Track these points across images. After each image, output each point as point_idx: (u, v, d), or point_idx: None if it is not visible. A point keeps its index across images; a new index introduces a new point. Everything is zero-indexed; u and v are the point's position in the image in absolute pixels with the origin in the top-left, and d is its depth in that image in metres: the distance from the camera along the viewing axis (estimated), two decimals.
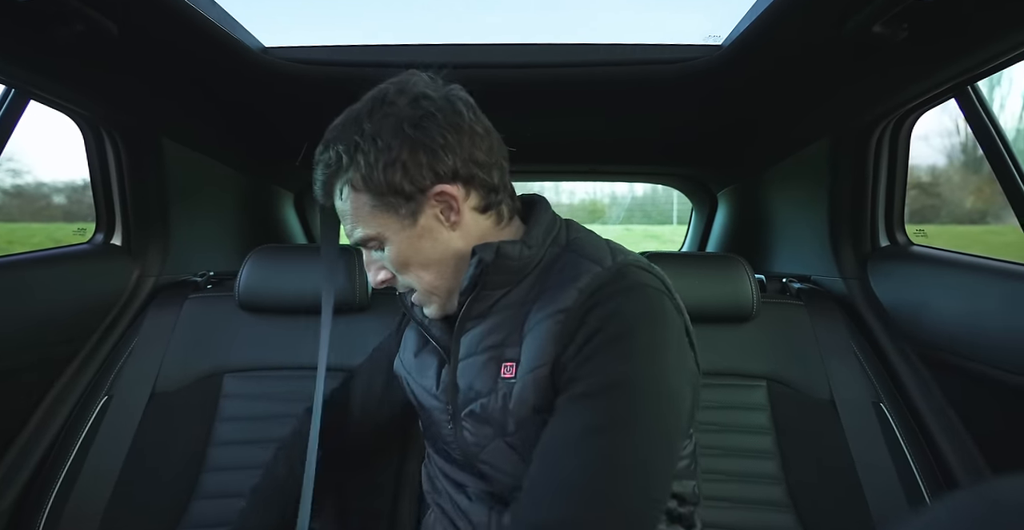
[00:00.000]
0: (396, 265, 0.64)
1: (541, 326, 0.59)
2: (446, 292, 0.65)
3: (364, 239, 0.63)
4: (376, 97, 0.61)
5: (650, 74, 0.99)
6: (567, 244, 0.65)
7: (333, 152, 0.60)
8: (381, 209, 0.60)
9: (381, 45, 0.98)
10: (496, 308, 0.64)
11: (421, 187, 0.58)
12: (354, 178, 0.59)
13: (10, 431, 1.02)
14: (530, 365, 0.59)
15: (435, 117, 0.58)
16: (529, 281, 0.63)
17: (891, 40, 0.78)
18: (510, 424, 0.60)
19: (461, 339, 0.65)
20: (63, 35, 0.75)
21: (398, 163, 0.57)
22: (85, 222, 1.27)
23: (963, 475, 0.96)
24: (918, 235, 1.23)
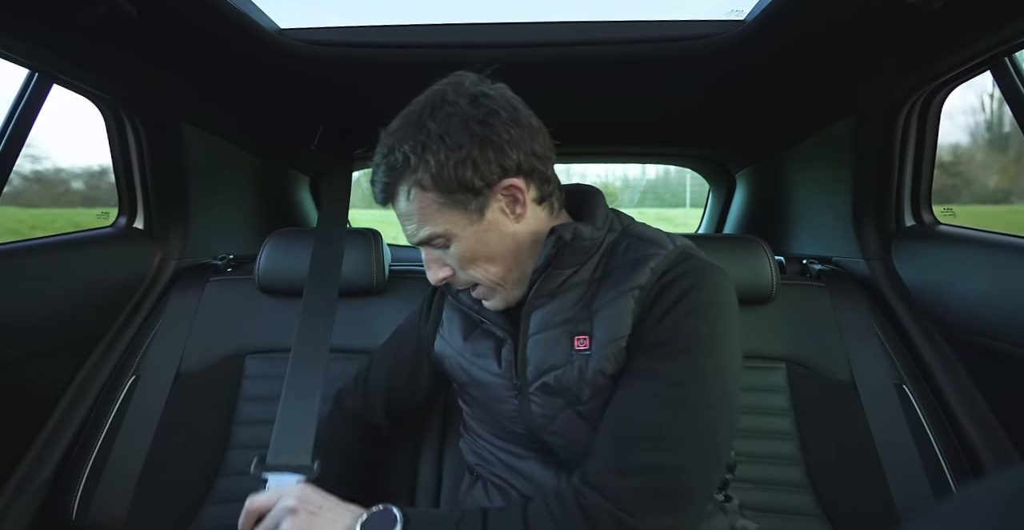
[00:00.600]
0: (462, 261, 0.66)
1: (617, 302, 0.64)
2: (511, 283, 0.69)
3: (430, 237, 0.65)
4: (433, 98, 0.63)
5: (669, 51, 0.96)
6: (623, 229, 0.71)
7: (400, 154, 0.61)
8: (449, 206, 0.62)
9: (395, 26, 0.96)
10: (564, 286, 0.68)
11: (489, 182, 0.62)
12: (423, 178, 0.61)
13: (44, 409, 1.05)
14: (608, 338, 0.64)
15: (498, 114, 0.62)
16: (593, 262, 0.69)
17: (925, 10, 0.75)
18: (584, 393, 0.66)
19: (531, 316, 0.69)
20: (85, 18, 0.75)
21: (468, 160, 0.60)
22: (103, 207, 1.29)
23: (989, 458, 0.96)
24: (946, 214, 1.20)
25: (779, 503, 0.97)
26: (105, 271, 1.14)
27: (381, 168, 0.64)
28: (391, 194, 0.65)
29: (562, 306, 0.68)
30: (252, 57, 0.98)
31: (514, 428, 0.74)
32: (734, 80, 1.10)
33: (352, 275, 1.12)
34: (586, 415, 0.67)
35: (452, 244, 0.65)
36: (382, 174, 0.64)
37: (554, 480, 0.71)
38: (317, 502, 0.62)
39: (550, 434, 0.70)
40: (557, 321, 0.67)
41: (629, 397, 0.62)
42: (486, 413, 0.79)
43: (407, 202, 0.64)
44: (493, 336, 0.74)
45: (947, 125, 1.17)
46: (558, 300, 0.68)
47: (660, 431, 0.59)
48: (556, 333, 0.67)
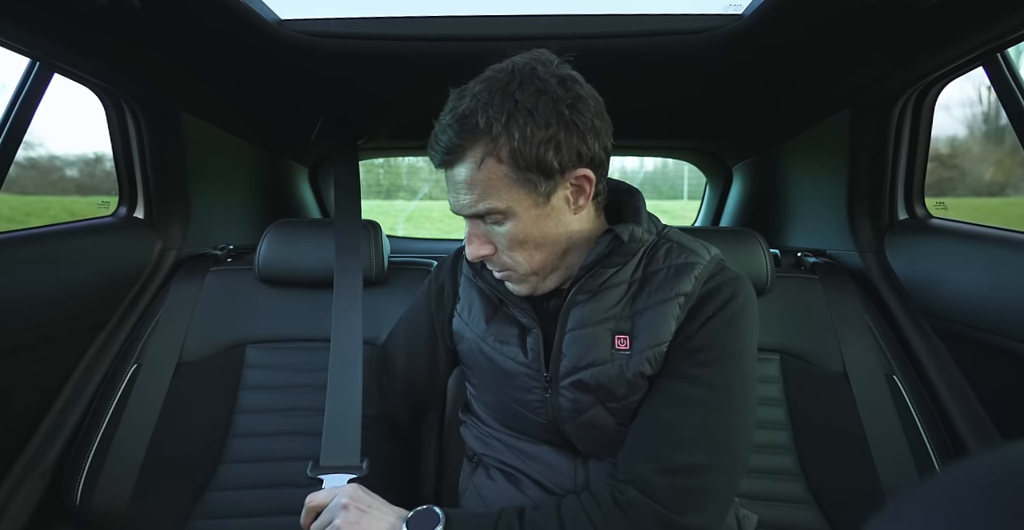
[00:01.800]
0: (512, 242, 0.64)
1: (663, 307, 0.66)
2: (546, 273, 0.69)
3: (489, 211, 0.62)
4: (522, 70, 0.60)
5: (668, 45, 0.97)
6: (659, 232, 0.72)
7: (482, 119, 0.58)
8: (519, 184, 0.60)
9: (395, 17, 0.97)
10: (606, 285, 0.68)
11: (564, 167, 0.60)
12: (501, 149, 0.59)
13: (48, 397, 1.06)
14: (651, 341, 0.66)
15: (587, 102, 0.61)
16: (634, 262, 0.69)
17: (920, 5, 0.76)
18: (619, 391, 0.67)
19: (571, 311, 0.69)
20: (87, 7, 0.75)
21: (552, 141, 0.58)
22: (98, 195, 1.29)
23: (975, 447, 0.98)
24: (938, 208, 1.21)
25: (771, 491, 1.00)
26: (106, 260, 1.15)
27: (454, 128, 0.60)
28: (457, 157, 0.61)
29: (604, 304, 0.68)
30: (253, 48, 0.99)
31: (534, 418, 0.74)
32: (732, 74, 1.11)
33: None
34: (615, 412, 0.68)
35: (508, 222, 0.63)
36: (454, 135, 0.60)
37: (569, 464, 0.73)
38: (367, 501, 0.64)
39: (575, 426, 0.70)
40: (598, 319, 0.68)
41: (670, 398, 0.64)
42: (498, 400, 0.78)
43: (475, 170, 0.60)
44: (516, 323, 0.73)
45: (944, 118, 1.18)
46: (599, 298, 0.68)
47: (701, 434, 0.62)
48: (597, 331, 0.67)
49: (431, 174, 7.75)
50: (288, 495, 1.01)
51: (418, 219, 7.30)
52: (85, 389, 1.10)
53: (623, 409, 0.68)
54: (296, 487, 1.01)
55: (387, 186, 9.60)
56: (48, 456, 1.03)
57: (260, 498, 1.01)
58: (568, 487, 0.72)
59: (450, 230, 5.10)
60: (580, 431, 0.71)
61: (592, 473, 0.72)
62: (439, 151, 0.62)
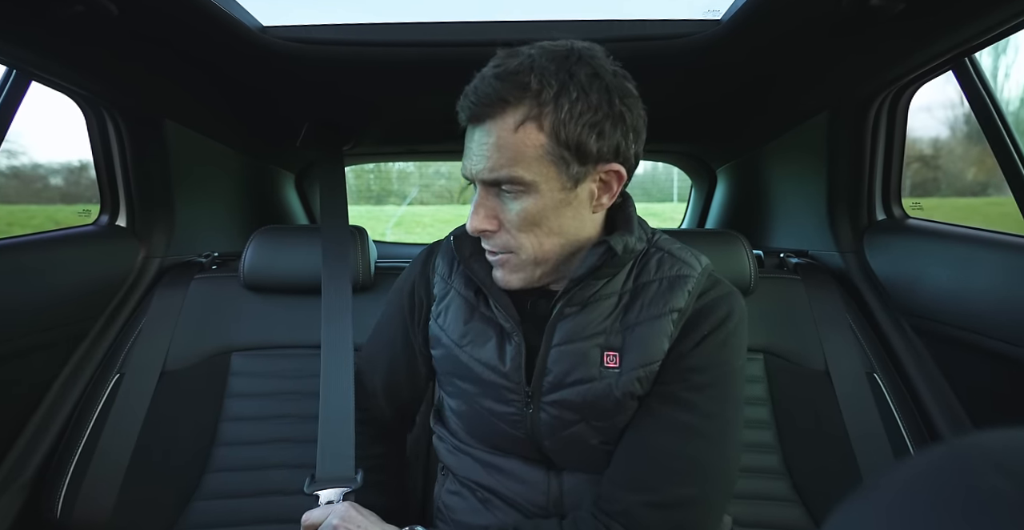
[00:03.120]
0: (525, 221, 0.60)
1: (655, 323, 0.63)
2: (544, 267, 0.64)
3: (511, 179, 0.57)
4: (580, 50, 0.58)
5: (649, 50, 0.98)
6: (650, 240, 0.69)
7: (535, 79, 0.54)
8: (552, 159, 0.57)
9: (378, 24, 0.97)
10: (595, 297, 0.65)
11: (600, 157, 0.58)
12: (544, 117, 0.55)
13: (26, 409, 1.05)
14: (642, 360, 0.62)
15: (637, 102, 0.60)
16: (624, 273, 0.66)
17: (888, 12, 0.78)
18: (606, 411, 0.63)
19: (559, 325, 0.65)
20: (63, 16, 0.75)
21: (598, 127, 0.56)
22: (82, 204, 1.28)
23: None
24: (914, 208, 1.24)
25: (756, 489, 1.01)
26: (88, 269, 1.14)
27: (502, 81, 0.55)
28: (495, 112, 0.56)
29: (593, 318, 0.64)
30: (235, 54, 0.99)
31: (510, 431, 0.69)
32: (711, 77, 1.12)
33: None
34: (601, 430, 0.65)
35: (527, 198, 0.58)
36: (500, 87, 0.55)
37: (543, 478, 0.69)
38: (357, 521, 0.65)
39: (555, 441, 0.67)
40: (588, 334, 0.64)
41: (662, 424, 0.61)
42: (472, 411, 0.72)
43: (510, 132, 0.56)
44: (495, 325, 0.68)
45: (926, 119, 1.20)
46: (588, 311, 0.65)
47: (694, 464, 0.59)
48: (585, 346, 0.64)
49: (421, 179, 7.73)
50: (276, 503, 1.00)
51: (409, 224, 7.27)
52: (66, 399, 1.09)
53: (610, 427, 0.65)
54: (284, 495, 1.01)
55: (377, 191, 9.54)
56: (28, 468, 1.01)
57: (247, 507, 1.00)
58: (541, 503, 0.68)
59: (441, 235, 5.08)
60: (560, 446, 0.67)
61: (566, 488, 0.68)
62: (475, 101, 0.57)
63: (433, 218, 7.36)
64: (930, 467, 0.23)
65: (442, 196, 10.89)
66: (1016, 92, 1.98)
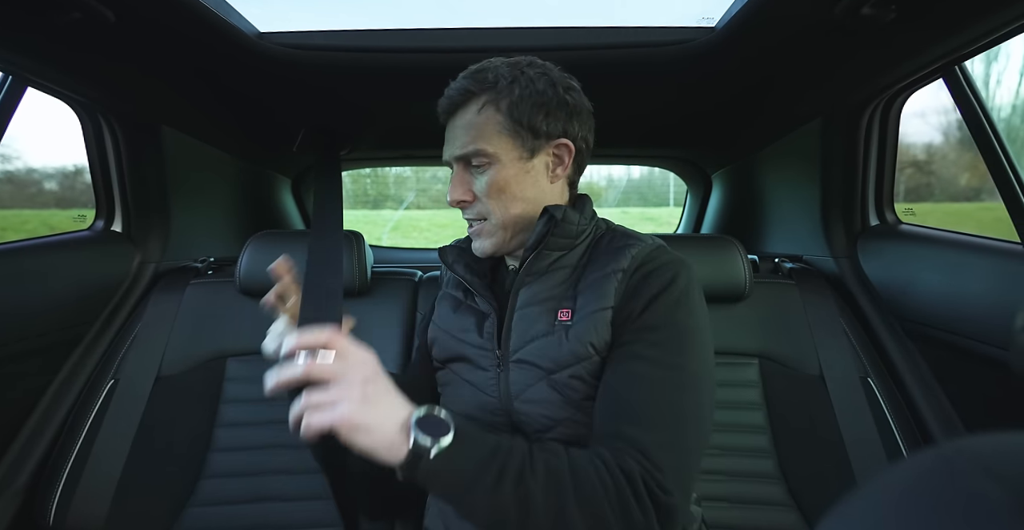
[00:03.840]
0: (492, 189, 0.71)
1: (600, 281, 0.70)
2: (513, 231, 0.75)
3: (477, 153, 0.70)
4: (532, 61, 0.73)
5: (645, 57, 0.99)
6: (608, 227, 0.79)
7: (492, 74, 0.70)
8: (509, 134, 0.70)
9: (374, 30, 0.98)
10: (552, 268, 0.74)
11: (550, 134, 0.71)
12: (501, 101, 0.69)
13: (20, 414, 1.05)
14: (590, 308, 0.69)
15: (580, 92, 0.74)
16: (580, 250, 0.75)
17: (880, 21, 0.79)
18: (562, 361, 0.69)
19: (520, 291, 0.74)
20: (60, 22, 0.75)
21: (544, 107, 0.70)
22: (77, 208, 1.28)
23: None
24: (907, 214, 1.25)
25: (751, 494, 1.01)
26: (83, 274, 1.14)
27: (467, 79, 0.71)
28: (463, 101, 0.71)
29: (548, 285, 0.74)
30: (232, 60, 0.99)
31: (487, 397, 0.74)
32: (706, 84, 1.13)
33: None
34: (559, 386, 0.69)
35: (491, 169, 0.71)
36: (466, 82, 0.71)
37: None
38: (384, 385, 0.57)
39: (522, 403, 0.71)
40: (542, 298, 0.73)
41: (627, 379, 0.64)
42: (462, 389, 0.78)
43: (475, 114, 0.70)
44: (476, 312, 0.79)
45: (920, 125, 1.21)
46: (545, 279, 0.74)
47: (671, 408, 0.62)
48: (540, 309, 0.72)
49: (418, 183, 7.73)
50: (272, 509, 0.99)
51: (406, 228, 7.27)
52: (61, 405, 1.08)
53: (565, 384, 0.68)
54: (280, 501, 1.00)
55: (374, 196, 9.56)
56: (22, 474, 1.00)
57: (243, 512, 0.99)
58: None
59: (438, 239, 5.08)
60: (527, 407, 0.71)
61: None
62: (449, 98, 0.72)
63: (430, 222, 7.37)
64: (921, 471, 0.23)
65: (439, 200, 10.88)
66: (1007, 99, 2.00)
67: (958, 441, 0.24)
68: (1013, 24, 0.79)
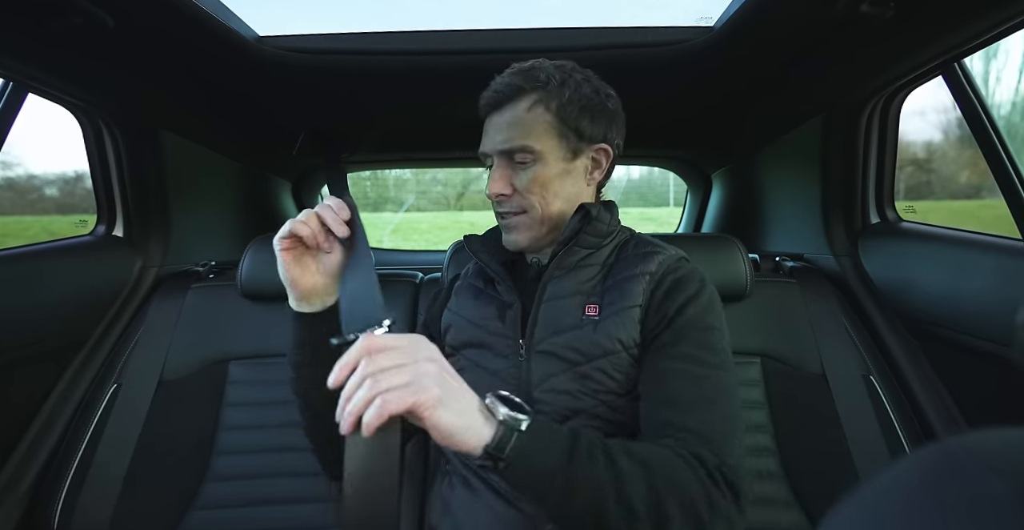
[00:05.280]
0: (533, 183, 0.74)
1: (628, 281, 0.73)
2: (549, 227, 0.77)
3: (523, 148, 0.72)
4: (572, 64, 0.76)
5: (644, 56, 0.99)
6: (632, 233, 0.84)
7: (543, 74, 0.72)
8: (556, 134, 0.73)
9: (374, 33, 0.98)
10: (580, 264, 0.77)
11: (592, 138, 0.75)
12: (551, 100, 0.72)
13: (23, 419, 1.05)
14: (619, 305, 0.72)
15: (618, 103, 0.78)
16: (607, 250, 0.79)
17: (879, 19, 0.79)
18: (589, 353, 0.71)
19: (548, 284, 0.76)
20: (60, 28, 0.75)
21: (590, 112, 0.73)
22: (78, 214, 1.28)
23: None
24: (907, 211, 1.25)
25: (754, 493, 1.01)
26: (85, 279, 1.14)
27: (518, 76, 0.72)
28: (512, 97, 0.72)
29: (577, 281, 0.76)
30: (231, 65, 0.99)
31: (504, 386, 0.70)
32: (706, 83, 1.14)
33: None
34: (582, 378, 0.71)
35: (536, 166, 0.73)
36: (517, 78, 0.72)
37: None
38: (451, 371, 0.52)
39: (543, 392, 0.71)
40: (571, 292, 0.75)
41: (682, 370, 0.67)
42: (475, 374, 0.75)
43: (524, 111, 0.72)
44: (498, 301, 0.79)
45: (920, 123, 1.22)
46: (573, 275, 0.76)
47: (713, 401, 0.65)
48: (569, 302, 0.74)
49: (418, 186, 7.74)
50: (276, 512, 0.99)
51: (406, 231, 7.28)
52: (64, 409, 1.08)
53: (590, 374, 0.70)
54: (284, 504, 1.00)
55: (374, 198, 9.59)
56: (25, 479, 1.01)
57: (247, 516, 0.99)
58: None
59: (438, 241, 5.08)
60: (547, 397, 0.71)
61: None
62: (497, 92, 0.73)
63: (430, 224, 7.38)
64: (924, 467, 0.23)
65: (439, 203, 10.89)
66: (1007, 96, 2.00)
67: (961, 437, 0.24)
68: (1012, 21, 0.79)
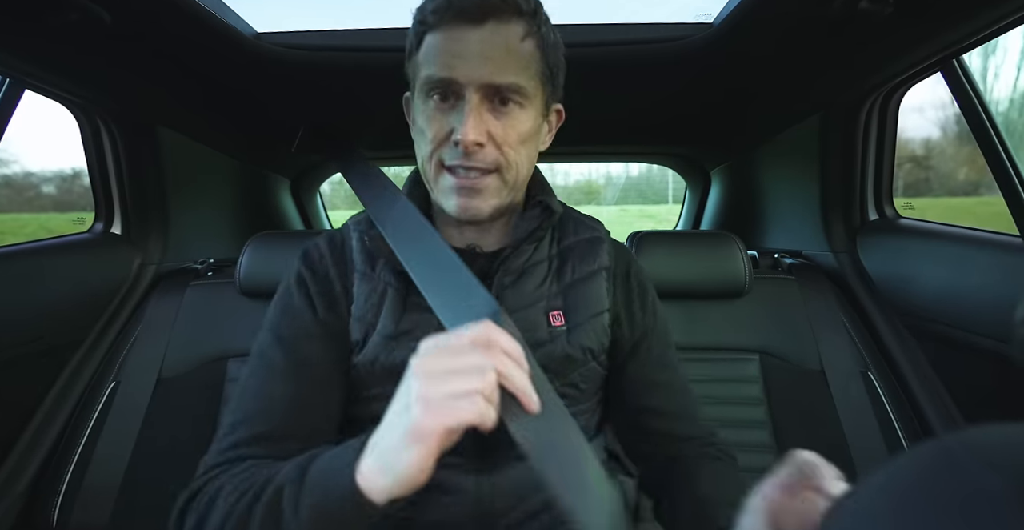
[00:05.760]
0: (519, 136, 0.58)
1: (588, 281, 0.66)
2: (511, 196, 0.62)
3: (519, 88, 0.56)
4: None
5: (643, 53, 0.99)
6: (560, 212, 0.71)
7: (527, 5, 0.55)
8: (541, 79, 0.58)
9: (369, 29, 0.98)
10: (528, 263, 0.66)
11: (556, 94, 0.63)
12: (541, 37, 0.57)
13: (21, 417, 1.05)
14: (587, 312, 0.65)
15: None
16: (547, 238, 0.69)
17: (877, 16, 0.79)
18: (563, 369, 0.64)
19: (502, 296, 0.63)
20: (57, 24, 0.75)
21: (560, 63, 0.62)
22: (75, 212, 1.28)
23: None
24: (905, 208, 1.25)
25: (753, 489, 1.01)
26: (83, 277, 1.14)
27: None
28: (505, 16, 0.54)
29: (532, 284, 0.65)
30: (229, 61, 0.99)
31: None
32: (705, 80, 1.13)
33: None
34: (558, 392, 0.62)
35: (523, 113, 0.57)
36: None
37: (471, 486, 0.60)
38: None
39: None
40: (531, 300, 0.64)
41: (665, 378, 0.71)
42: None
43: (518, 40, 0.55)
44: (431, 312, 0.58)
45: (918, 120, 1.21)
46: (524, 279, 0.65)
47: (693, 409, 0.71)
48: (531, 312, 0.64)
49: None
50: None
51: None
52: (62, 407, 1.08)
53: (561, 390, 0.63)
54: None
55: None
56: (23, 477, 1.00)
57: None
58: (468, 511, 0.60)
59: None
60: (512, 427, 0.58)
61: (497, 491, 0.61)
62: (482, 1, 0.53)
63: None
64: (922, 463, 0.24)
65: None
66: (1006, 93, 2.00)
67: (959, 433, 0.24)
68: (1010, 17, 0.79)
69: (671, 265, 1.16)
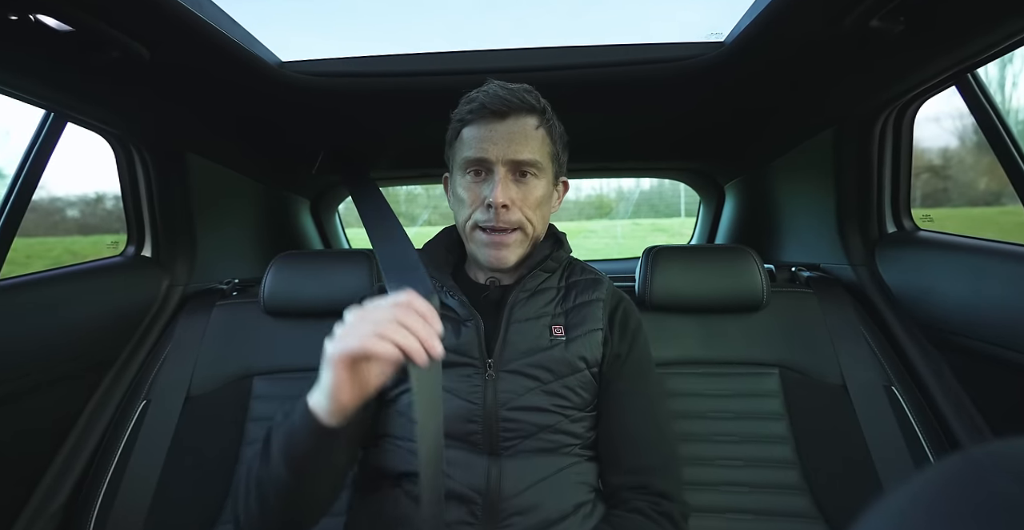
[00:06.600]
0: (537, 201, 0.78)
1: (588, 305, 0.82)
2: (531, 247, 0.81)
3: (531, 162, 0.75)
4: None
5: (655, 73, 1.01)
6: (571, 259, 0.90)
7: (540, 102, 0.77)
8: (550, 158, 0.79)
9: (390, 55, 1.01)
10: (540, 287, 0.83)
11: (561, 169, 0.84)
12: (549, 127, 0.78)
13: (58, 436, 1.07)
14: (585, 328, 0.80)
15: None
16: (558, 274, 0.86)
17: (889, 33, 0.80)
18: (559, 372, 0.77)
19: (515, 306, 0.80)
20: (99, 61, 0.79)
21: (566, 148, 0.84)
22: (98, 234, 1.32)
23: None
24: (924, 220, 1.24)
25: (777, 506, 1.00)
26: (115, 299, 1.17)
27: (528, 95, 0.76)
28: (524, 112, 0.75)
29: (539, 303, 0.82)
30: (255, 90, 1.03)
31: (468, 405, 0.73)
32: (717, 97, 1.15)
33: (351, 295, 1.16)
34: (552, 395, 0.76)
35: (539, 183, 0.77)
36: (527, 96, 0.75)
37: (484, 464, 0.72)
38: None
39: (510, 410, 0.74)
40: (537, 314, 0.80)
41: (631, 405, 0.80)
42: None
43: (533, 129, 0.76)
44: (450, 319, 0.79)
45: (936, 130, 1.21)
46: (536, 298, 0.82)
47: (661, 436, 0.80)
48: (537, 324, 0.80)
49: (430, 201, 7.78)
50: None
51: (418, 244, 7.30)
52: (95, 427, 1.11)
53: (560, 391, 0.76)
54: None
55: None
56: (58, 496, 1.03)
57: None
58: (480, 486, 0.71)
59: None
60: (515, 415, 0.74)
61: (505, 472, 0.72)
62: (506, 101, 0.74)
63: None
64: (949, 475, 0.24)
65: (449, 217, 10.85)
66: None
67: (984, 445, 0.24)
68: (1022, 33, 0.80)
69: (687, 279, 1.16)
